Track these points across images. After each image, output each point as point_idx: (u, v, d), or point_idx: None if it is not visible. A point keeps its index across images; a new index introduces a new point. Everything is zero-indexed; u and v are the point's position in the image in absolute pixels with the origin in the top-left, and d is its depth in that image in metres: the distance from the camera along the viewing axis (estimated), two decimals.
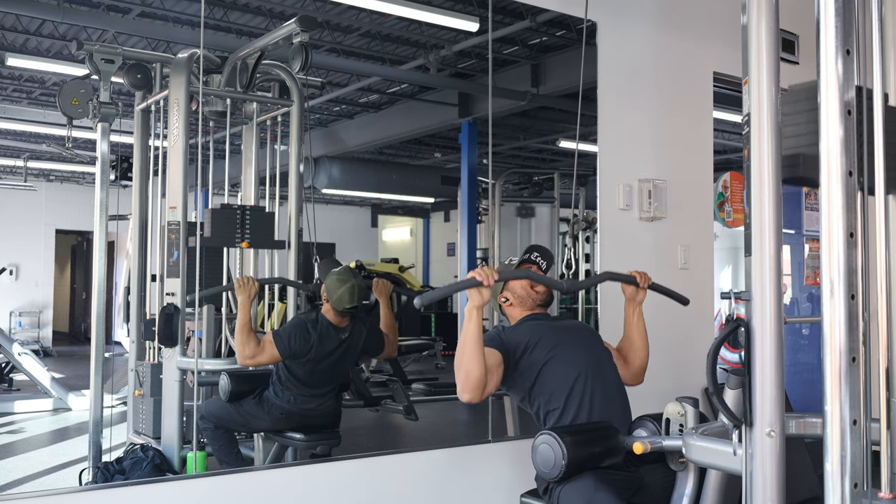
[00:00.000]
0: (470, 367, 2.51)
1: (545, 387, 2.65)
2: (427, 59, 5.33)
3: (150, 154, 3.85)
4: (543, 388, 2.66)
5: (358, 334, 3.62)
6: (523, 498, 2.73)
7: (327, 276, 3.60)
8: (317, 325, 3.52)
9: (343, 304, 3.52)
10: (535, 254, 2.91)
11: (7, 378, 5.14)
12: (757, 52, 1.74)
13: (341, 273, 3.59)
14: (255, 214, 3.53)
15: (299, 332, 3.50)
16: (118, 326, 4.42)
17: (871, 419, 1.60)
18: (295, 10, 4.53)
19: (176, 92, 3.53)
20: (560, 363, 2.66)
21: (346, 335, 3.58)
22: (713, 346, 1.82)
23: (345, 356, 3.64)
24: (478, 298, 2.50)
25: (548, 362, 2.66)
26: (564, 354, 2.68)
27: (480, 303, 2.50)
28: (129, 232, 3.98)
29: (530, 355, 2.68)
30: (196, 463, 3.08)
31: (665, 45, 4.03)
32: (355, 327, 3.61)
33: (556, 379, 2.64)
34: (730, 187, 6.24)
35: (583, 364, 2.67)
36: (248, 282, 3.46)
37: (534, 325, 2.79)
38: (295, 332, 3.49)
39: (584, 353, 2.73)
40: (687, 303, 3.00)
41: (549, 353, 2.67)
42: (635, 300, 2.90)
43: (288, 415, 3.48)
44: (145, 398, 3.59)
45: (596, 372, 2.68)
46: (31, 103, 5.10)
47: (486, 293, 2.50)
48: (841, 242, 1.59)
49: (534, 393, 2.68)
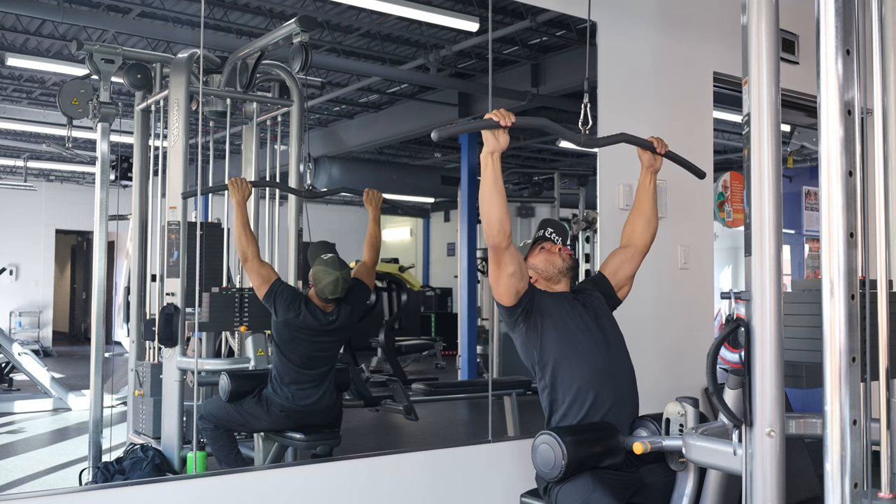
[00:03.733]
0: (492, 210, 2.45)
1: (557, 380, 2.58)
2: (427, 59, 5.33)
3: (150, 154, 3.85)
4: (555, 381, 2.59)
5: (345, 315, 3.64)
6: (523, 498, 2.73)
7: (315, 262, 3.60)
8: (307, 303, 3.57)
9: (325, 295, 3.55)
10: (548, 229, 2.85)
11: (7, 378, 5.14)
12: (757, 52, 1.74)
13: (329, 263, 3.58)
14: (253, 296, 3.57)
15: (293, 291, 3.57)
16: (118, 326, 4.43)
17: (871, 419, 1.60)
18: (295, 10, 4.53)
19: (176, 92, 3.53)
20: (576, 360, 2.58)
21: (334, 317, 3.60)
22: (713, 346, 1.82)
23: (334, 337, 3.66)
24: (493, 143, 2.43)
25: (564, 355, 2.59)
26: (581, 351, 2.60)
27: (496, 147, 2.43)
28: (129, 232, 3.99)
29: (551, 331, 2.61)
30: (196, 463, 3.08)
31: (665, 45, 4.03)
32: (342, 310, 3.63)
33: (569, 375, 2.57)
34: (730, 187, 6.24)
35: (598, 365, 2.61)
36: (241, 182, 3.50)
37: (560, 304, 2.68)
38: (290, 289, 3.56)
39: (600, 352, 2.65)
40: (703, 175, 2.98)
41: (568, 344, 2.60)
42: (653, 167, 2.89)
43: (288, 412, 3.48)
44: (145, 398, 3.59)
45: (610, 373, 2.62)
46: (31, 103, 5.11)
47: (502, 138, 2.44)
48: (841, 242, 1.59)
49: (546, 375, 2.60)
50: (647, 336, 3.68)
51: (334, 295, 3.55)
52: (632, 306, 2.96)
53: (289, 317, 3.48)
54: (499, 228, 2.46)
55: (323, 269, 3.54)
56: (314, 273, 3.56)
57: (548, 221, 2.89)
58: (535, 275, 2.76)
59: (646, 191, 2.91)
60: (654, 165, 2.89)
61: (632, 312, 3.00)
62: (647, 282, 3.20)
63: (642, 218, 2.90)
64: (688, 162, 2.92)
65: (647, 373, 2.97)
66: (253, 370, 3.57)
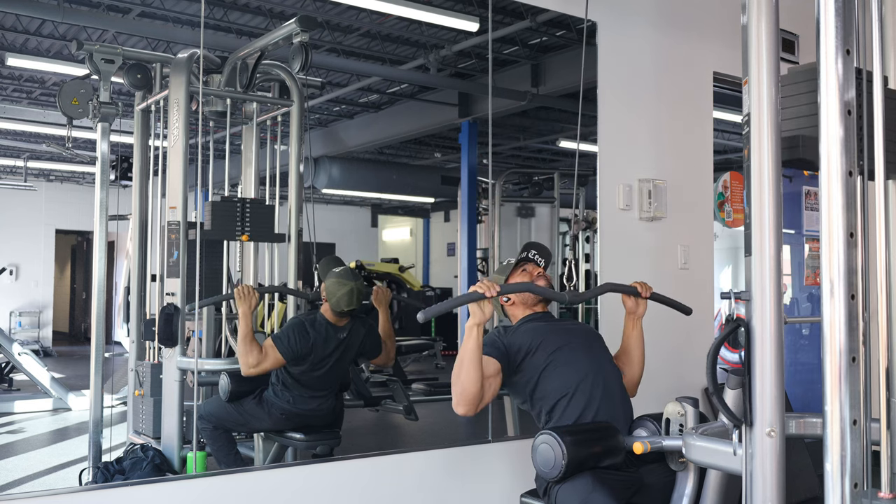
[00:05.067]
0: (466, 383, 2.50)
1: (546, 390, 2.64)
2: (427, 59, 5.32)
3: (150, 154, 3.85)
4: (545, 392, 2.65)
5: (356, 334, 3.62)
6: (523, 498, 2.73)
7: (327, 277, 3.59)
8: (315, 325, 3.52)
9: (341, 307, 3.52)
10: (532, 251, 2.89)
11: (7, 378, 5.14)
12: (757, 52, 1.74)
13: (342, 275, 3.57)
14: (255, 207, 3.52)
15: (299, 332, 3.49)
16: (118, 326, 4.42)
17: (871, 419, 1.60)
18: (295, 10, 4.53)
19: (176, 92, 3.53)
20: (562, 367, 2.64)
21: (345, 335, 3.57)
22: (713, 346, 1.82)
23: (343, 356, 3.63)
24: (479, 315, 2.47)
25: (549, 366, 2.64)
26: (566, 357, 2.66)
27: (482, 320, 2.47)
28: (129, 232, 3.99)
29: (531, 359, 2.67)
30: (196, 463, 3.08)
31: (665, 45, 4.03)
32: (354, 327, 3.61)
33: (558, 382, 2.62)
34: (730, 187, 6.24)
35: (585, 367, 2.65)
36: (248, 292, 3.39)
37: (535, 328, 2.76)
38: (294, 334, 3.48)
39: (585, 355, 2.70)
40: (689, 312, 2.96)
41: (551, 356, 2.66)
42: (636, 313, 2.86)
43: (288, 415, 3.48)
44: (145, 398, 3.59)
45: (598, 374, 2.66)
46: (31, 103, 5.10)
47: (487, 309, 2.48)
48: (841, 242, 1.59)
49: (535, 396, 2.67)
50: (646, 336, 3.67)
51: (350, 307, 3.52)
52: None
53: (302, 352, 3.46)
54: (471, 400, 2.52)
55: (337, 282, 3.52)
56: (327, 287, 3.55)
57: (532, 244, 2.94)
58: (514, 297, 2.80)
59: (631, 339, 2.90)
60: (638, 311, 2.87)
61: None
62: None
63: (629, 365, 2.90)
64: (674, 301, 2.91)
65: (647, 373, 2.97)
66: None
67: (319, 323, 3.53)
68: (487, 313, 2.48)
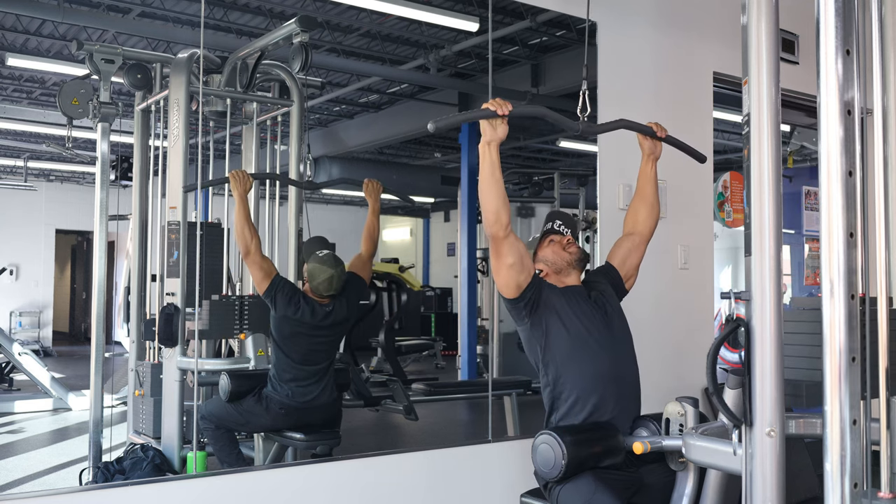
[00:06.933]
0: (487, 200, 2.45)
1: (560, 380, 2.57)
2: (427, 59, 5.33)
3: (150, 154, 3.85)
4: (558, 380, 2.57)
5: (341, 308, 3.64)
6: (523, 498, 2.73)
7: (310, 259, 3.60)
8: (304, 295, 3.58)
9: (320, 292, 3.56)
10: (557, 221, 2.82)
11: (7, 378, 5.15)
12: (757, 52, 1.74)
13: (324, 260, 3.57)
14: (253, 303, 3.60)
15: (292, 286, 3.57)
16: (118, 326, 4.43)
17: (871, 419, 1.60)
18: (295, 10, 4.53)
19: (176, 92, 3.53)
20: (580, 363, 2.56)
21: (330, 309, 3.60)
22: (713, 346, 1.82)
23: (332, 330, 3.66)
24: (490, 132, 2.43)
25: (568, 356, 2.57)
26: (588, 352, 2.58)
27: (494, 137, 2.42)
28: (129, 232, 3.99)
29: (557, 327, 2.58)
30: (196, 463, 3.08)
31: (665, 46, 4.03)
32: (337, 303, 3.63)
33: (573, 376, 2.55)
34: (730, 187, 6.25)
35: (603, 368, 2.58)
36: (242, 175, 3.49)
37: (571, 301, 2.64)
38: (289, 284, 3.57)
39: (606, 354, 2.62)
40: (704, 160, 3.00)
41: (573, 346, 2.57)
42: (654, 154, 2.90)
43: (287, 410, 3.48)
44: (145, 398, 3.59)
45: (614, 377, 2.59)
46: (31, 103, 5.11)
47: (500, 128, 2.43)
48: (841, 242, 1.59)
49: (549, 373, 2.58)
50: (647, 336, 3.67)
51: (328, 292, 3.56)
52: (632, 306, 2.95)
53: (288, 312, 3.48)
54: (495, 218, 2.46)
55: (318, 267, 3.55)
56: (309, 269, 3.57)
57: (555, 213, 2.87)
58: (545, 268, 2.72)
59: (647, 178, 2.93)
60: (655, 152, 2.91)
61: (632, 312, 3.00)
62: (647, 282, 3.19)
63: (645, 205, 2.92)
64: (688, 146, 2.93)
65: (647, 373, 2.97)
66: (253, 370, 3.57)
67: (308, 298, 3.58)
68: (500, 132, 2.43)
